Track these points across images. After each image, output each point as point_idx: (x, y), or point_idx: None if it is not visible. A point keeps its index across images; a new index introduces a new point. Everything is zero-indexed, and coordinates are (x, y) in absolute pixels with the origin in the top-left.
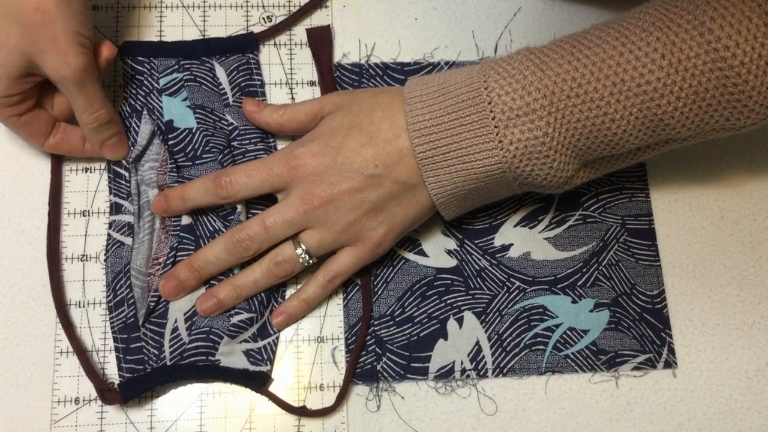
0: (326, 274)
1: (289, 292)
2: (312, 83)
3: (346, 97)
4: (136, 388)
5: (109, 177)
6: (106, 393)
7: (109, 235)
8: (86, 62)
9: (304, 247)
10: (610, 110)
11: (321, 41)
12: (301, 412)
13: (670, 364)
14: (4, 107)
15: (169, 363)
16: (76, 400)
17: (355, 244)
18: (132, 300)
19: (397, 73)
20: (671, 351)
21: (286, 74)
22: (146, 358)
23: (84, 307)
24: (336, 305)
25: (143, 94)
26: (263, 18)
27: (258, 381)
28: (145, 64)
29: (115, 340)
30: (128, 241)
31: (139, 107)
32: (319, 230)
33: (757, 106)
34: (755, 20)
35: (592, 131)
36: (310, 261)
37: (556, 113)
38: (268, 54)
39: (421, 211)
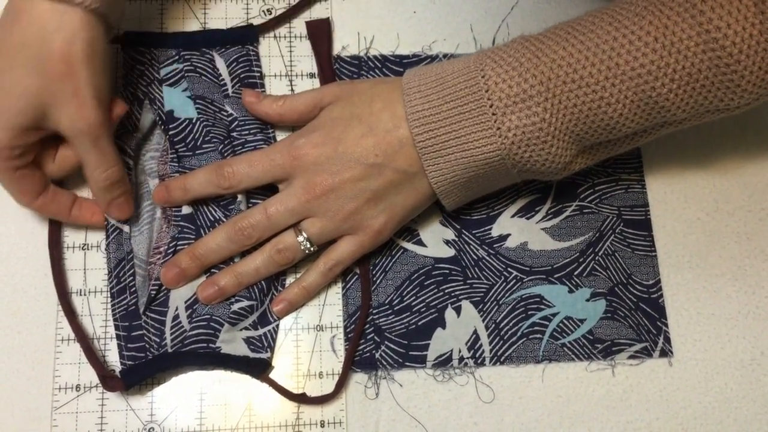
0: (327, 262)
1: (289, 280)
2: (311, 75)
3: (345, 87)
4: (137, 374)
5: None
6: (108, 380)
7: (107, 220)
8: (103, 118)
9: (305, 234)
10: (605, 94)
11: (320, 34)
12: (301, 399)
13: (665, 353)
14: (3, 159)
15: (170, 350)
16: (77, 387)
17: (356, 233)
18: (134, 288)
19: (396, 66)
20: (667, 340)
21: (286, 66)
22: (147, 345)
23: (85, 295)
24: (335, 294)
25: (144, 84)
26: (263, 11)
27: (258, 368)
28: (146, 55)
29: (117, 327)
30: (126, 228)
31: (140, 96)
32: (320, 219)
33: (750, 86)
34: (745, 1)
35: (589, 116)
36: (311, 249)
37: (552, 99)
38: (267, 46)
39: (421, 200)
